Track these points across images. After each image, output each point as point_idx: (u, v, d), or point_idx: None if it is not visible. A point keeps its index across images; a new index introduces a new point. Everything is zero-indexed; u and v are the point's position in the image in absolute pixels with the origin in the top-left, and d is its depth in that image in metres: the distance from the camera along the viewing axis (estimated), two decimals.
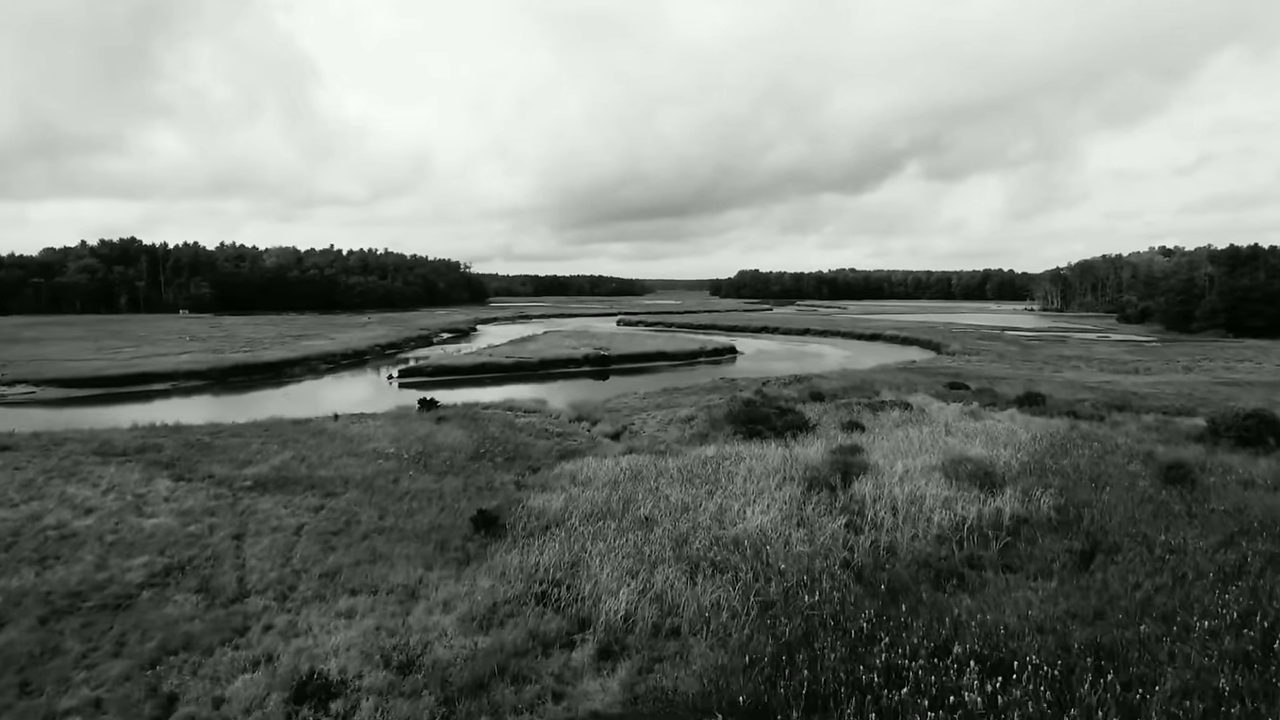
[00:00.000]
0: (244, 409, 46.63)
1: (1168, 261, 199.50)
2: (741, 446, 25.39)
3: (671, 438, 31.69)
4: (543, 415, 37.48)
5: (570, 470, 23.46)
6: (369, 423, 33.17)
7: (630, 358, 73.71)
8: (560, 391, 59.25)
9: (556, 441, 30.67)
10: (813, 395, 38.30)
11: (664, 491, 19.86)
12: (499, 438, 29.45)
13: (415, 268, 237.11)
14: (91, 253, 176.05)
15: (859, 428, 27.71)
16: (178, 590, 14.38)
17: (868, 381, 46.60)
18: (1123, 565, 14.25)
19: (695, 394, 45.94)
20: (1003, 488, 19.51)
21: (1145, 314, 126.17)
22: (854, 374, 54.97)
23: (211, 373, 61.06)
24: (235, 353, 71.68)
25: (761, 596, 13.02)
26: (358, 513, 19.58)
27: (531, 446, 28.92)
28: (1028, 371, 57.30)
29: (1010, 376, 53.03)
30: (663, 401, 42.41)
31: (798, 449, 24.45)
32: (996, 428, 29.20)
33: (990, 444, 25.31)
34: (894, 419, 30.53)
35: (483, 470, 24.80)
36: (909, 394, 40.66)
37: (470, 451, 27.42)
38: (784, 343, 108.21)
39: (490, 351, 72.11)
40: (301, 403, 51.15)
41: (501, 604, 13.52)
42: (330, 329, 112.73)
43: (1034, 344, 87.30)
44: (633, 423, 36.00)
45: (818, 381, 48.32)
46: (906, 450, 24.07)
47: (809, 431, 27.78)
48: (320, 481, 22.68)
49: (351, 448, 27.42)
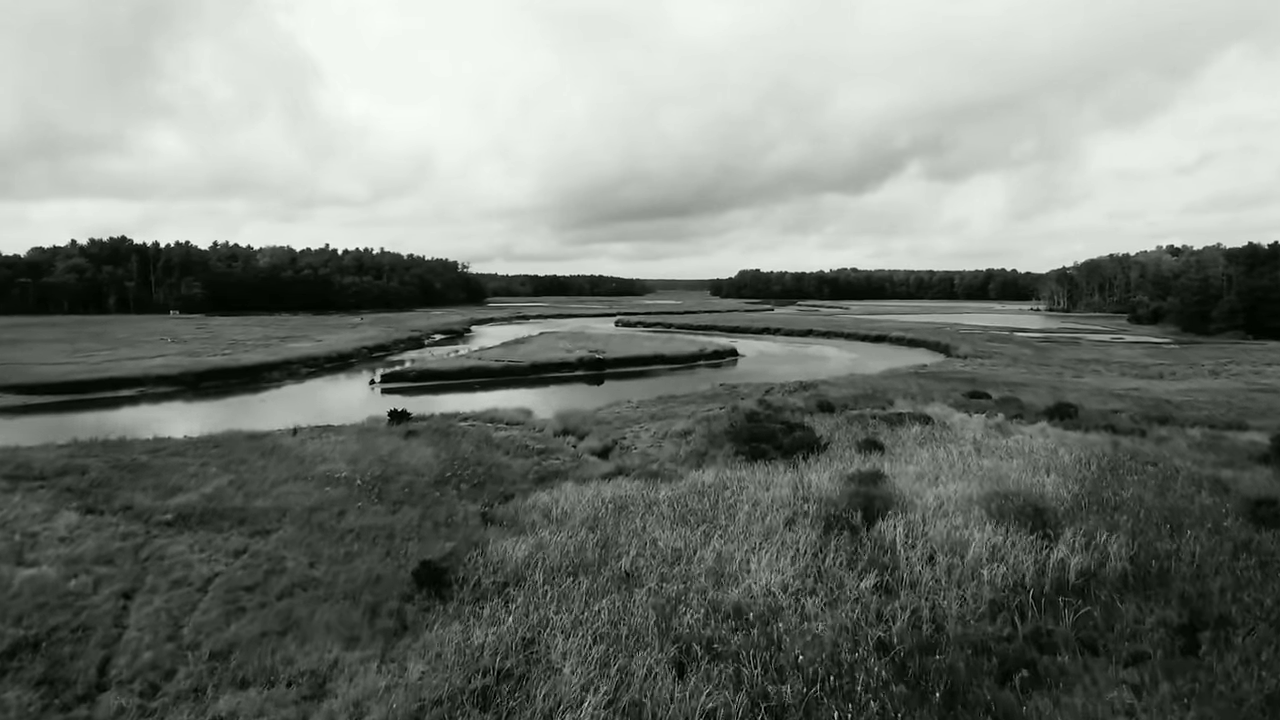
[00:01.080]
0: (207, 418, 43.42)
1: (1176, 261, 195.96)
2: (744, 471, 22.11)
3: (665, 456, 28.43)
4: (525, 428, 34.21)
5: (545, 502, 20.19)
6: (330, 439, 29.91)
7: (626, 361, 70.44)
8: (551, 398, 56.00)
9: (536, 461, 27.41)
10: (821, 406, 35.02)
11: (651, 532, 16.60)
12: (470, 458, 26.18)
13: (411, 267, 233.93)
14: (81, 252, 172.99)
15: (877, 447, 24.42)
16: (14, 682, 11.12)
17: (879, 389, 43.31)
18: (1244, 648, 10.96)
19: (693, 402, 42.67)
20: (1058, 528, 16.24)
21: (1158, 314, 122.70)
22: (863, 380, 51.68)
23: (184, 378, 57.81)
24: (213, 356, 68.46)
25: (772, 702, 9.75)
26: (285, 558, 16.32)
27: (507, 468, 25.65)
28: (1047, 377, 53.99)
29: (1030, 383, 49.74)
30: (658, 411, 39.14)
31: (809, 475, 21.17)
32: (1031, 445, 25.92)
33: (1030, 467, 22.03)
34: (915, 435, 27.24)
35: (446, 499, 21.54)
36: (926, 404, 37.39)
37: (436, 474, 24.17)
38: (786, 344, 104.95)
39: (479, 355, 68.88)
40: (272, 411, 47.93)
41: (430, 706, 10.26)
42: (319, 330, 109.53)
43: (1046, 346, 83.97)
44: (624, 437, 32.73)
45: (825, 389, 45.03)
46: (935, 476, 20.79)
47: (820, 451, 24.49)
48: (253, 515, 19.42)
49: (302, 470, 24.17)
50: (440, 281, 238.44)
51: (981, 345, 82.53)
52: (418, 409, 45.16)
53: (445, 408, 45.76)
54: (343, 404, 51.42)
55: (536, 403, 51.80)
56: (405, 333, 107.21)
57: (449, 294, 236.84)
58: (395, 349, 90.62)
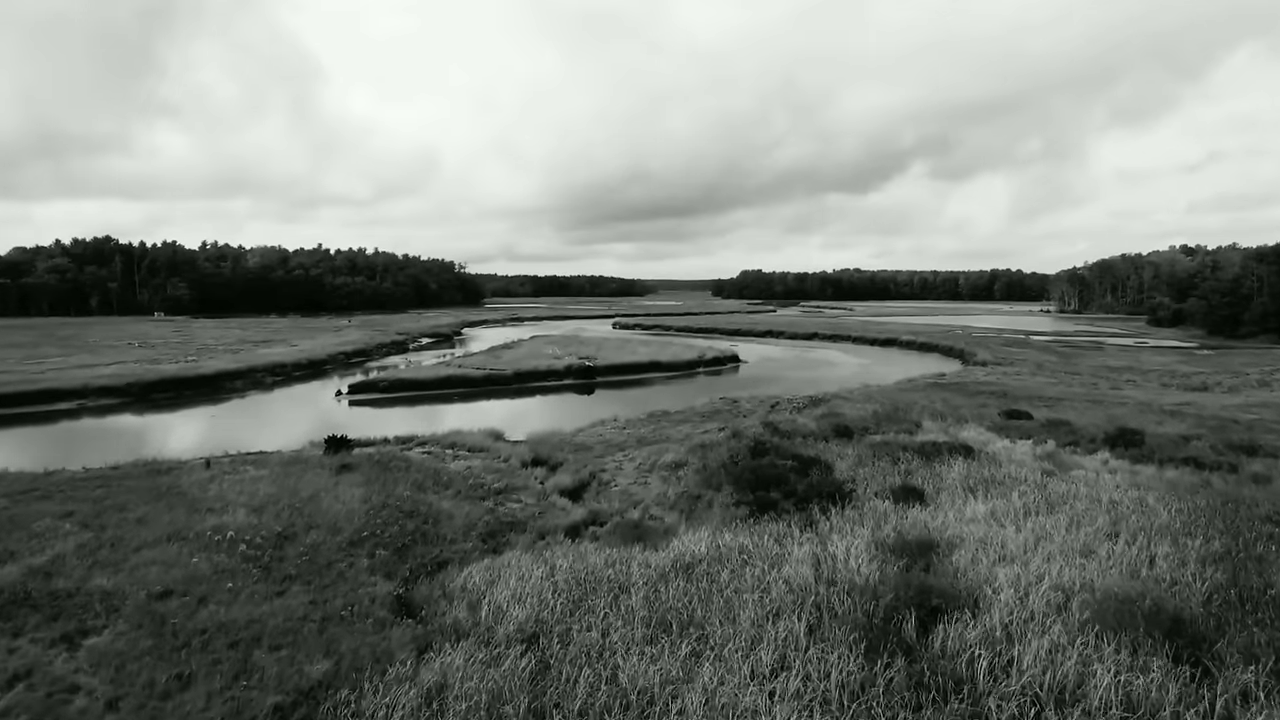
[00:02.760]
0: (130, 440, 38.37)
1: (1191, 261, 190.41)
2: (747, 535, 16.91)
3: (651, 497, 23.30)
4: (489, 456, 29.07)
5: (478, 584, 15.01)
6: (247, 474, 24.79)
7: (619, 369, 65.28)
8: (532, 412, 50.94)
9: (491, 506, 22.27)
10: (838, 430, 29.84)
11: (613, 654, 11.44)
12: (404, 505, 21.02)
13: (406, 268, 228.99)
14: (64, 252, 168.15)
15: (917, 495, 19.25)
16: None
17: (900, 406, 38.11)
18: None
19: (688, 421, 37.54)
20: (1207, 646, 11.05)
21: (1179, 316, 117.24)
22: (879, 393, 46.49)
23: (131, 389, 52.74)
24: (172, 364, 63.39)
25: None
26: (76, 693, 11.20)
27: (449, 518, 20.49)
28: (1081, 389, 48.75)
29: (1066, 396, 44.52)
30: (647, 434, 34.00)
31: (833, 541, 16.00)
32: (1102, 486, 20.79)
33: (1120, 527, 16.82)
34: (958, 475, 22.05)
35: (355, 571, 16.40)
36: (958, 425, 32.21)
37: (355, 529, 19.03)
38: (790, 348, 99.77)
39: (460, 362, 63.75)
40: (213, 430, 42.83)
41: None
42: (301, 333, 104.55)
43: (1069, 351, 78.67)
44: (603, 469, 27.59)
45: (839, 405, 39.84)
46: (1003, 546, 15.61)
47: (844, 501, 19.30)
48: (79, 603, 14.31)
49: (188, 524, 19.03)
50: (435, 282, 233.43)
51: (1000, 351, 77.24)
52: (378, 427, 40.12)
53: (408, 426, 40.72)
54: (299, 420, 46.32)
55: (514, 418, 46.74)
56: (391, 336, 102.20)
57: (444, 295, 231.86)
58: (377, 354, 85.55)
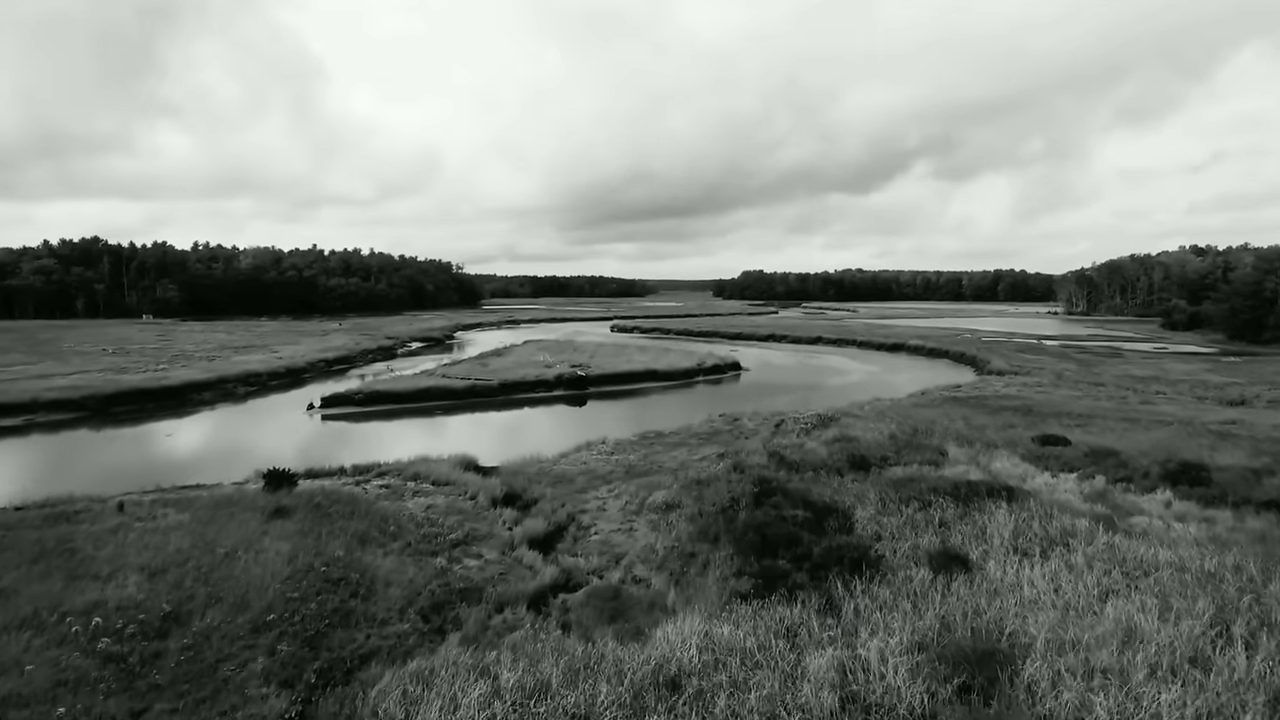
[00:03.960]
0: (67, 466, 34.78)
1: (1202, 261, 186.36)
2: (750, 625, 13.21)
3: (636, 550, 19.67)
4: (454, 492, 25.40)
5: (398, 705, 11.32)
6: (165, 519, 21.16)
7: (613, 378, 61.58)
8: (518, 426, 47.32)
9: (443, 565, 18.62)
10: (852, 460, 26.16)
11: None
12: (335, 568, 17.32)
13: (402, 269, 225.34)
14: (50, 253, 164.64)
15: (960, 562, 15.56)
16: None
17: (919, 426, 34.40)
18: None
19: (684, 444, 33.90)
20: None
21: (1195, 320, 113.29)
22: (893, 408, 42.79)
23: (88, 402, 49.14)
24: (138, 373, 59.78)
25: None
26: None
27: (386, 588, 16.83)
28: (1110, 404, 45.03)
29: (1096, 413, 40.79)
30: (637, 461, 30.32)
31: (863, 641, 12.33)
32: (1182, 541, 17.16)
33: (1232, 614, 13.10)
34: (1003, 528, 18.34)
35: (245, 676, 12.75)
36: (987, 453, 28.52)
37: (267, 604, 15.37)
38: (794, 353, 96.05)
39: (444, 371, 60.06)
40: (165, 451, 39.19)
41: None
42: (286, 338, 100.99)
43: (1087, 358, 74.91)
44: (584, 508, 23.94)
45: (849, 423, 36.14)
46: (1085, 650, 11.90)
47: (870, 570, 15.60)
48: None
49: (62, 599, 15.38)
50: (432, 283, 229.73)
51: (1014, 358, 73.49)
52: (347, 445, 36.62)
53: (380, 445, 37.12)
54: (260, 438, 42.70)
55: (495, 436, 43.11)
56: (379, 341, 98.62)
57: (441, 296, 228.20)
58: (361, 361, 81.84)
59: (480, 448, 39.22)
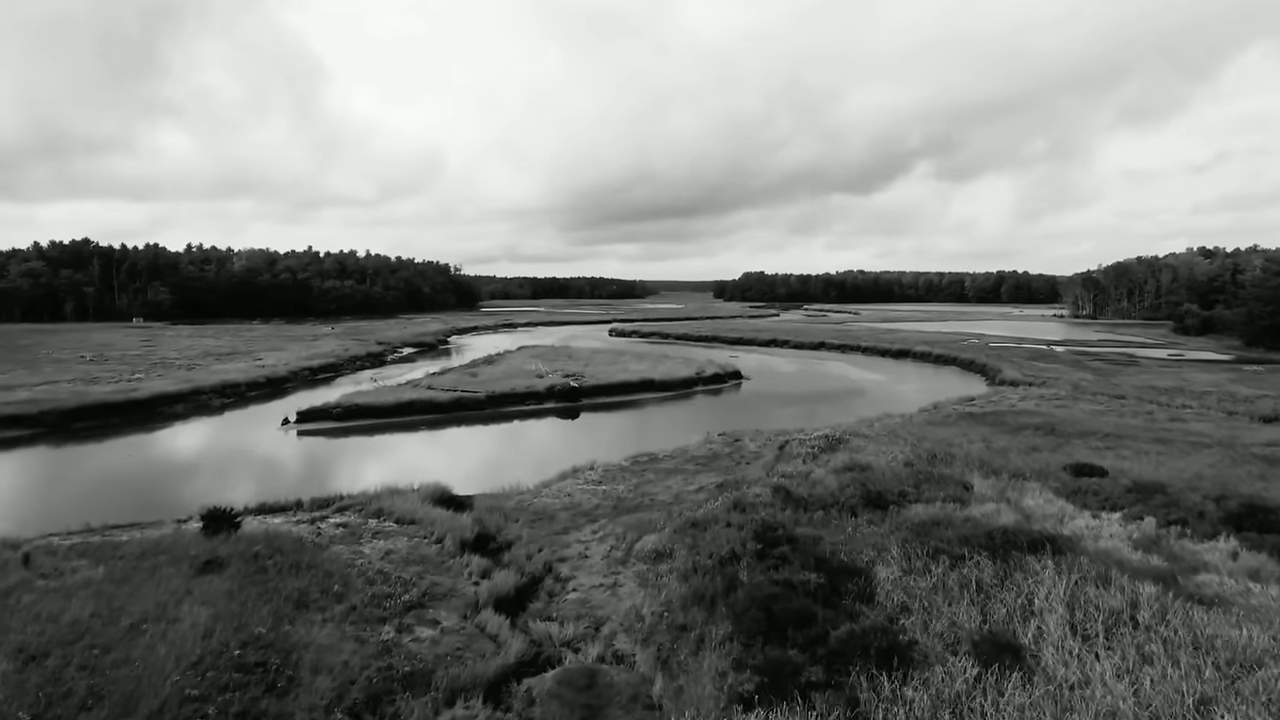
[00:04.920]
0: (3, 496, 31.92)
1: (1210, 264, 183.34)
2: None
3: (620, 614, 16.81)
4: (418, 533, 22.55)
5: None
6: (74, 575, 18.29)
7: (607, 389, 58.69)
8: (504, 442, 44.54)
9: (390, 638, 15.72)
10: (867, 497, 23.27)
11: None
12: (255, 647, 14.43)
13: (398, 270, 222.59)
14: (40, 255, 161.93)
15: (1012, 653, 12.64)
16: None
17: (935, 449, 31.48)
18: None
19: (680, 470, 31.02)
20: None
21: (1208, 324, 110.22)
22: (904, 425, 39.87)
23: (48, 417, 46.27)
24: (109, 384, 56.95)
25: None
26: None
27: (313, 675, 13.93)
28: (1137, 421, 42.10)
29: (1123, 432, 37.86)
30: (626, 492, 27.41)
31: None
32: (1275, 612, 14.29)
33: None
34: (1051, 591, 15.46)
35: None
36: (1014, 484, 25.63)
37: (160, 704, 12.49)
38: (797, 359, 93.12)
39: (429, 382, 57.16)
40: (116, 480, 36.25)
41: None
42: (275, 343, 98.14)
43: (1102, 367, 71.96)
44: (563, 555, 21.06)
45: (859, 445, 33.25)
46: None
47: (901, 663, 12.70)
48: None
49: None
50: (429, 285, 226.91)
51: (1026, 366, 70.53)
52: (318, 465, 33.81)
53: (353, 467, 34.30)
54: (226, 459, 39.85)
55: (478, 455, 40.27)
56: (369, 346, 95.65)
57: (438, 299, 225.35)
58: (348, 368, 78.94)
59: (459, 470, 36.40)
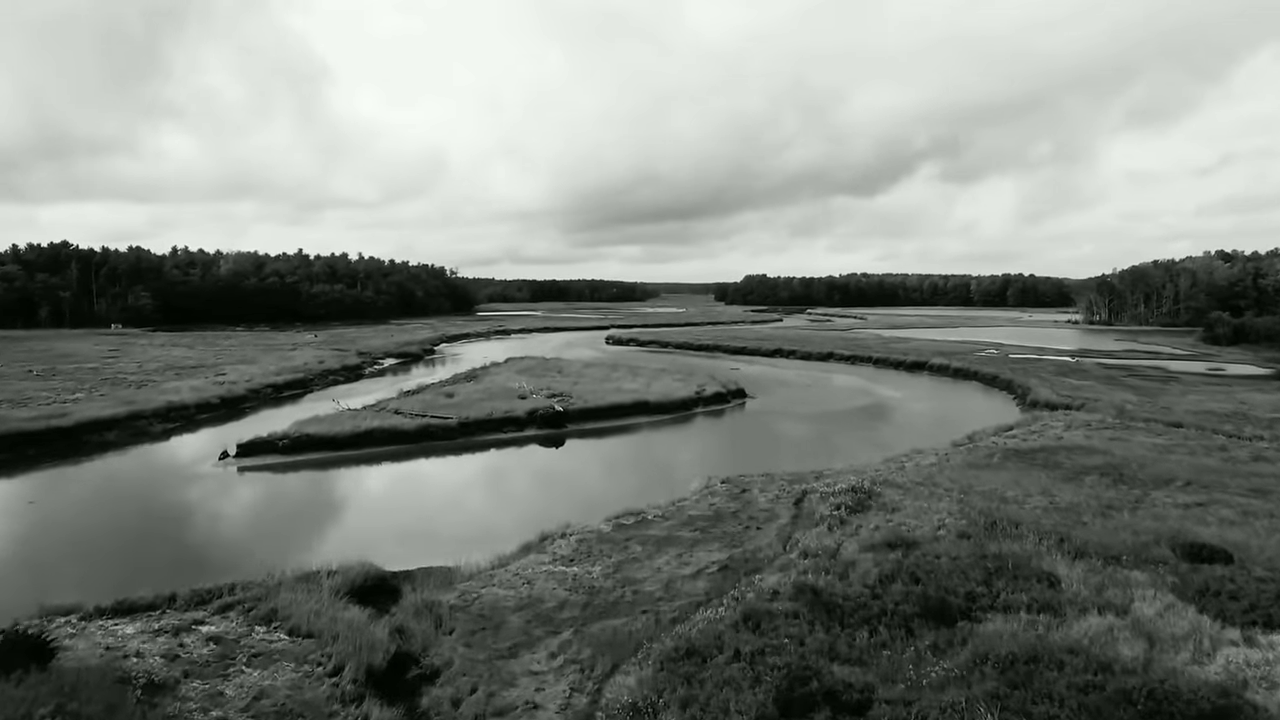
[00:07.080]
0: None
1: (1230, 268, 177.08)
2: None
3: None
4: (310, 657, 16.36)
5: None
6: None
7: (596, 413, 52.48)
8: (469, 483, 38.41)
9: None
10: (926, 603, 17.12)
11: None
12: None
13: (390, 274, 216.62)
14: (15, 258, 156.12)
15: None
16: None
17: (990, 511, 25.23)
18: None
19: (674, 541, 24.82)
20: None
21: (1240, 333, 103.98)
22: (941, 470, 33.65)
23: None
24: (38, 407, 50.85)
25: None
26: None
27: None
28: (1215, 462, 35.88)
29: (1208, 480, 31.64)
30: (602, 578, 21.17)
31: None
32: None
33: None
34: None
35: None
36: (1113, 577, 19.42)
37: None
38: (804, 371, 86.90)
39: (396, 405, 50.96)
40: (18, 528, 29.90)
41: None
42: (248, 353, 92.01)
43: (1141, 384, 65.71)
44: (504, 704, 14.85)
45: (894, 501, 27.03)
46: None
47: None
48: None
49: None
50: (422, 290, 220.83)
51: (1058, 383, 64.30)
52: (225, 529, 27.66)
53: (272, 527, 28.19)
54: (136, 508, 33.64)
55: (433, 501, 33.92)
56: (348, 358, 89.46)
57: (431, 303, 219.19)
58: (319, 383, 72.72)
59: (408, 522, 30.31)
